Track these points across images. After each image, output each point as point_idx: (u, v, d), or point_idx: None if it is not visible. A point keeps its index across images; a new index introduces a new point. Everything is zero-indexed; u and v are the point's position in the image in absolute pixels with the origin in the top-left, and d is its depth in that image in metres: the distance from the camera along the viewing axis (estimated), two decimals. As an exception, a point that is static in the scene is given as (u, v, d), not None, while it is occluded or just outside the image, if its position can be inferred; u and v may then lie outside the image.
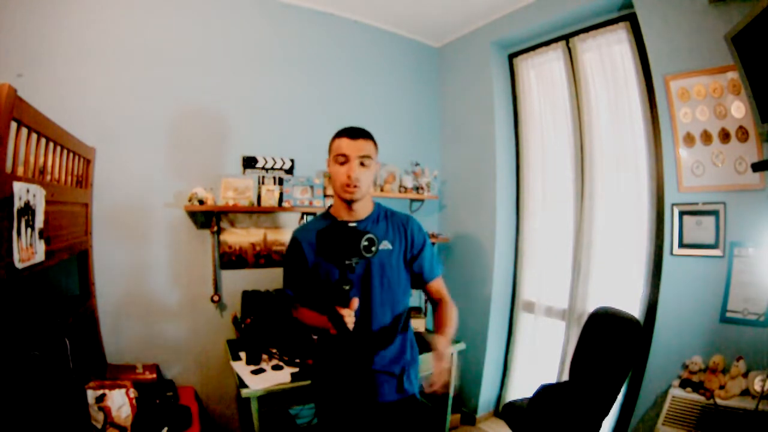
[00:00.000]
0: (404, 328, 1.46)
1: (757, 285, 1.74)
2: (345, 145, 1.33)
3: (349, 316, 1.20)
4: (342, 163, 1.33)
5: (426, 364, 1.71)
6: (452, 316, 1.41)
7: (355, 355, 1.36)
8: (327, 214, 1.47)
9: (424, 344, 1.59)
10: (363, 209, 1.42)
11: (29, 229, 1.16)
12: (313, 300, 1.43)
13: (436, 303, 1.49)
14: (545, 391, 1.94)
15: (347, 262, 1.21)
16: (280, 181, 2.55)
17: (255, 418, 1.82)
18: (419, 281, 1.46)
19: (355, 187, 1.32)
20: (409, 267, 1.45)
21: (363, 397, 1.37)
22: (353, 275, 1.25)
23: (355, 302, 1.23)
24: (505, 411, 2.17)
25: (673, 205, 2.01)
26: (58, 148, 1.54)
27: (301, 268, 1.43)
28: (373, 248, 1.22)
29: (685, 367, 1.87)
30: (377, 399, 1.39)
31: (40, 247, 1.24)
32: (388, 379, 1.40)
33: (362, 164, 1.33)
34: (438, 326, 1.39)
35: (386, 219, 1.45)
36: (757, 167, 1.67)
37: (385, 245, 1.39)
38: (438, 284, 1.48)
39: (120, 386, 1.73)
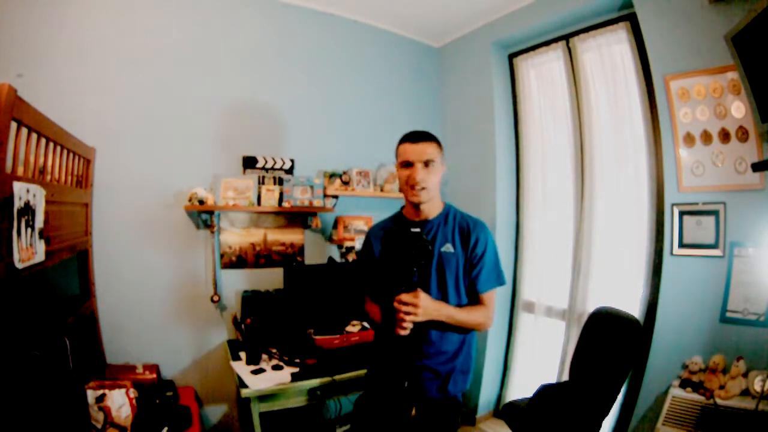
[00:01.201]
0: (462, 333, 1.45)
1: (757, 285, 1.74)
2: (408, 150, 1.38)
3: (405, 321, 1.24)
4: (406, 167, 1.38)
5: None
6: (474, 314, 1.41)
7: (405, 350, 1.36)
8: (399, 215, 1.53)
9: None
10: (431, 210, 1.45)
11: (29, 229, 1.16)
12: (379, 295, 1.47)
13: None
14: (545, 391, 1.93)
15: (414, 268, 1.25)
16: (280, 181, 2.55)
17: (255, 418, 1.82)
18: (473, 290, 1.44)
19: (420, 189, 1.36)
20: (468, 273, 1.43)
21: (407, 390, 1.39)
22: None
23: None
24: (505, 411, 2.16)
25: (673, 205, 2.01)
26: (58, 148, 1.54)
27: (371, 263, 1.50)
28: (428, 253, 1.26)
29: (685, 367, 1.87)
30: (419, 394, 1.42)
31: (40, 247, 1.24)
32: (432, 377, 1.41)
33: (426, 166, 1.37)
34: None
35: (454, 221, 1.47)
36: (757, 167, 1.67)
37: (447, 248, 1.41)
38: (488, 297, 1.45)
39: (120, 386, 1.73)
